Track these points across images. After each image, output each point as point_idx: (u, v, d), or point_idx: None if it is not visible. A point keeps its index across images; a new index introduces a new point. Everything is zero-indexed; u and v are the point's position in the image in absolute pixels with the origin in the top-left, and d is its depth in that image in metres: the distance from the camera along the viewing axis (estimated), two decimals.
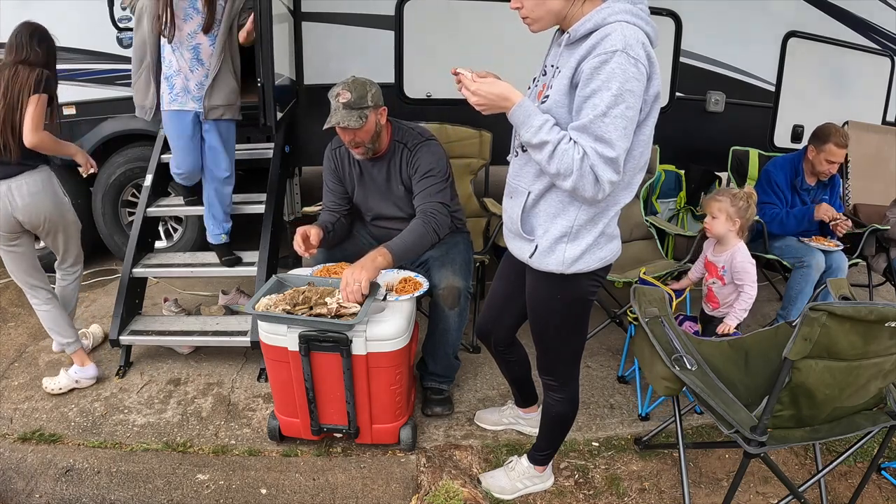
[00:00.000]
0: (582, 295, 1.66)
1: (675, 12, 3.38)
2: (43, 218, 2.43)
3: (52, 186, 2.45)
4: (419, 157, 2.30)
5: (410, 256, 2.23)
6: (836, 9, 3.71)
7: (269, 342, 2.04)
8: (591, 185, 1.39)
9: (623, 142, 1.37)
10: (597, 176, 1.38)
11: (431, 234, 2.21)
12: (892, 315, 1.46)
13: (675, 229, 3.23)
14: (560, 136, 1.40)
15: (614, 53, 1.33)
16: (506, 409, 2.37)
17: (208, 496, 2.02)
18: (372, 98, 2.19)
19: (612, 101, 1.34)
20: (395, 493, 2.04)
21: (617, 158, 1.37)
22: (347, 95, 2.15)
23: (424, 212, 2.24)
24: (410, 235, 2.19)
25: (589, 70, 1.35)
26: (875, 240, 3.23)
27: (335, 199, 2.48)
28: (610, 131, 1.35)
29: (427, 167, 2.29)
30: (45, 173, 2.43)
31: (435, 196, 2.27)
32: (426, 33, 3.22)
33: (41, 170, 2.42)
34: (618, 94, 1.33)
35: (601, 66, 1.34)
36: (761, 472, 2.16)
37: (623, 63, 1.33)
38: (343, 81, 2.20)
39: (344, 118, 2.14)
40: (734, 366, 2.01)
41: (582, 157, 1.37)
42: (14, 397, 2.54)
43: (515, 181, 1.63)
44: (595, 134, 1.35)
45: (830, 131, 2.99)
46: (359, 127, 2.16)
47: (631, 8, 1.40)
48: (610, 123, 1.34)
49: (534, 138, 1.42)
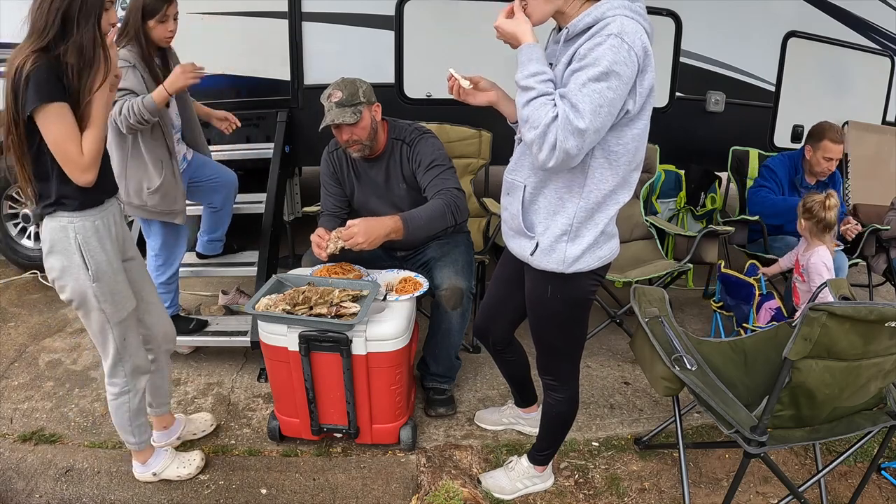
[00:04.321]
0: (582, 294, 1.66)
1: (675, 12, 3.38)
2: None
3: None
4: (419, 149, 2.30)
5: (423, 234, 2.19)
6: (836, 9, 3.71)
7: (269, 342, 2.04)
8: (549, 148, 1.39)
9: (595, 118, 1.36)
10: (557, 141, 1.37)
11: (449, 215, 2.19)
12: (892, 315, 1.46)
13: (675, 229, 3.23)
14: (546, 89, 1.42)
15: (609, 36, 1.36)
16: (506, 409, 2.37)
17: (208, 496, 2.02)
18: (364, 94, 2.20)
19: (596, 77, 1.35)
20: (395, 493, 2.04)
21: (584, 131, 1.36)
22: (339, 94, 2.16)
23: (443, 195, 2.22)
24: (426, 211, 2.18)
25: (583, 51, 1.38)
26: (875, 240, 3.23)
27: (334, 203, 2.48)
28: (584, 102, 1.35)
29: (430, 158, 2.29)
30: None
31: (449, 182, 2.26)
32: (426, 33, 3.22)
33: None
34: (604, 72, 1.35)
35: (595, 47, 1.36)
36: (761, 472, 2.16)
37: (616, 46, 1.35)
38: (333, 83, 2.21)
39: (338, 115, 2.15)
40: (734, 366, 2.01)
41: (554, 117, 1.38)
42: (14, 397, 2.54)
43: (511, 176, 1.64)
44: (571, 101, 1.37)
45: (825, 128, 3.03)
46: (354, 122, 2.17)
47: (630, 5, 1.42)
48: (587, 95, 1.35)
49: (522, 81, 1.44)
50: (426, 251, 2.48)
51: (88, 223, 1.69)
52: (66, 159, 1.58)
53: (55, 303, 3.37)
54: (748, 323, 2.61)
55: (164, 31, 2.31)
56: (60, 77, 1.53)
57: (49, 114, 1.53)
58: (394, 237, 2.11)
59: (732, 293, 2.76)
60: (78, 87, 1.56)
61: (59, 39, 1.52)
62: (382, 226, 2.08)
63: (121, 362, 1.86)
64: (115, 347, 1.83)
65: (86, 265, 1.70)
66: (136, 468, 2.07)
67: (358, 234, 2.06)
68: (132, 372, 1.89)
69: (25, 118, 1.53)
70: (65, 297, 1.76)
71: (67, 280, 1.72)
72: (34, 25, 1.53)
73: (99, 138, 1.61)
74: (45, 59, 1.51)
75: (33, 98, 1.50)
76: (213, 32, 3.07)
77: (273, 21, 3.10)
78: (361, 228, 2.07)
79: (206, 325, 2.75)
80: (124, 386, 1.90)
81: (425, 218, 2.16)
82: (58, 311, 3.28)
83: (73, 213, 1.67)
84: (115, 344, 1.82)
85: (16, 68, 1.50)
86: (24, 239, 3.72)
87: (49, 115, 1.53)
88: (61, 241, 1.68)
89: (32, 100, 1.50)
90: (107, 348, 1.84)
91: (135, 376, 1.91)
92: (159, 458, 2.06)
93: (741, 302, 2.69)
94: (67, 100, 1.55)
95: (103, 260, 1.72)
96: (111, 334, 1.81)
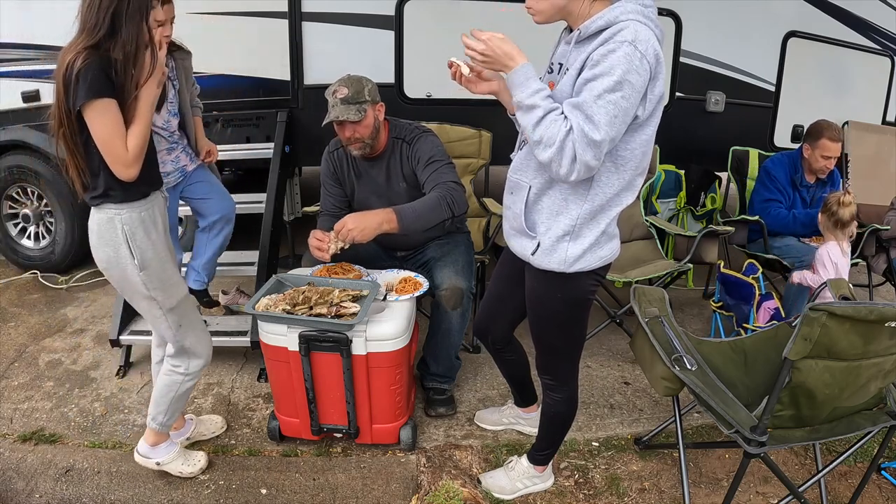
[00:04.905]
0: (582, 294, 1.66)
1: (675, 12, 3.38)
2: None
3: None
4: (418, 147, 2.31)
5: (419, 226, 2.17)
6: (836, 9, 3.71)
7: (269, 342, 2.04)
8: (568, 162, 1.39)
9: (610, 128, 1.37)
10: (576, 154, 1.38)
11: (445, 208, 2.18)
12: (892, 315, 1.46)
13: (675, 229, 3.23)
14: (552, 105, 1.41)
15: (623, 43, 1.35)
16: (506, 409, 2.37)
17: (208, 496, 2.02)
18: (369, 93, 2.20)
19: (611, 87, 1.35)
20: (395, 493, 2.04)
21: (601, 142, 1.37)
22: (345, 91, 2.16)
23: (439, 188, 2.22)
24: (422, 204, 2.18)
25: (597, 56, 1.38)
26: (875, 240, 3.23)
27: (334, 203, 2.48)
28: (600, 114, 1.35)
29: (429, 154, 2.29)
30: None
31: (446, 176, 2.26)
32: (426, 33, 3.22)
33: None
34: (618, 82, 1.34)
35: (609, 54, 1.36)
36: (761, 472, 2.16)
37: (630, 54, 1.34)
38: (339, 79, 2.21)
39: (343, 112, 2.15)
40: (734, 366, 2.01)
41: (568, 131, 1.37)
42: (14, 397, 2.54)
43: (517, 176, 1.64)
44: (586, 113, 1.36)
45: (822, 127, 3.06)
46: (358, 120, 2.17)
47: (642, 9, 1.42)
48: (602, 107, 1.35)
49: (526, 100, 1.43)
50: (426, 251, 2.49)
51: (135, 215, 1.74)
52: (110, 154, 1.62)
53: (55, 303, 3.38)
54: (749, 323, 2.61)
55: (160, 35, 2.26)
56: (109, 74, 1.57)
57: (97, 109, 1.57)
58: (387, 229, 2.10)
59: (732, 293, 2.77)
60: (125, 83, 1.60)
61: (109, 37, 1.57)
62: (374, 216, 2.10)
63: (183, 348, 1.92)
64: (173, 333, 1.89)
65: (132, 255, 1.74)
66: (142, 448, 2.05)
67: (347, 220, 2.08)
68: (190, 357, 1.95)
69: (76, 113, 1.58)
70: (115, 284, 1.85)
71: (115, 270, 1.78)
72: (84, 23, 1.58)
73: (143, 134, 1.66)
74: (95, 56, 1.55)
75: (83, 93, 1.54)
76: (213, 32, 3.07)
77: (273, 21, 3.11)
78: (350, 216, 2.10)
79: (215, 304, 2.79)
80: (185, 370, 1.95)
81: (420, 209, 2.16)
82: (58, 311, 3.29)
83: (119, 204, 1.72)
84: (173, 329, 1.89)
85: (67, 64, 1.55)
86: (24, 239, 3.72)
87: (97, 111, 1.57)
88: (108, 233, 1.73)
89: (82, 95, 1.54)
90: (166, 334, 1.91)
91: (192, 361, 1.96)
92: (168, 450, 2.06)
93: (741, 302, 2.70)
94: (115, 96, 1.59)
95: (149, 249, 1.77)
96: (165, 321, 1.87)
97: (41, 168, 3.45)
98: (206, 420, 2.33)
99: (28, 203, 3.65)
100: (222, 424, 2.35)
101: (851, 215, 2.68)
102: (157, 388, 1.99)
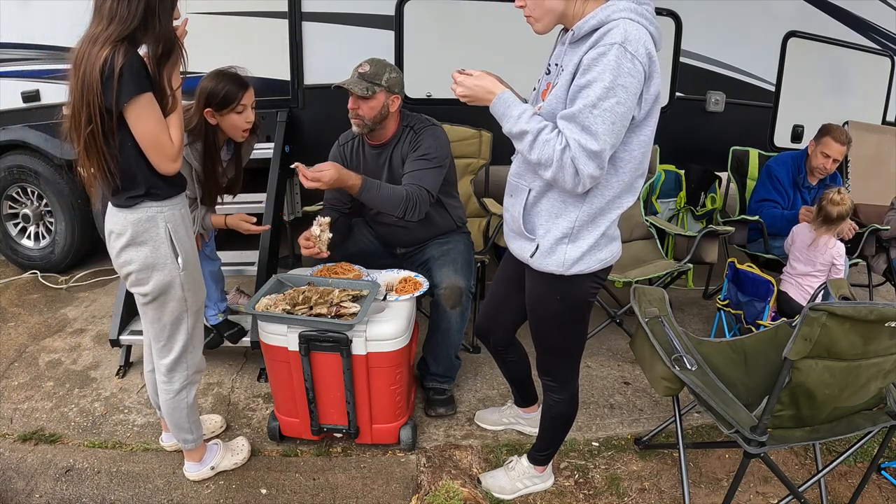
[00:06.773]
0: (582, 296, 1.66)
1: (675, 12, 3.39)
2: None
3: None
4: (422, 138, 2.32)
5: (373, 203, 2.23)
6: (836, 9, 3.71)
7: (269, 342, 2.04)
8: (571, 177, 1.39)
9: (609, 136, 1.36)
10: (577, 168, 1.37)
11: (402, 207, 2.20)
12: (892, 315, 1.46)
13: (675, 229, 3.23)
14: (540, 125, 1.41)
15: (612, 46, 1.33)
16: (506, 409, 2.37)
17: (208, 496, 2.02)
18: (387, 80, 2.21)
19: (604, 94, 1.33)
20: (395, 493, 2.04)
21: (601, 152, 1.36)
22: (366, 67, 2.21)
23: (412, 188, 2.23)
24: (388, 190, 2.22)
25: (587, 61, 1.36)
26: (875, 240, 3.24)
27: (337, 195, 2.48)
28: (597, 124, 1.34)
29: (425, 149, 2.30)
30: None
31: (426, 180, 2.26)
32: (426, 33, 3.22)
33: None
34: (610, 87, 1.33)
35: (598, 58, 1.34)
36: (761, 472, 2.16)
37: (619, 57, 1.32)
38: (370, 58, 2.25)
39: (352, 84, 2.19)
40: (734, 366, 2.01)
41: (563, 148, 1.37)
42: (14, 397, 2.54)
43: (516, 179, 1.63)
44: (582, 124, 1.35)
45: (831, 127, 3.11)
46: (362, 96, 2.18)
47: (636, 7, 1.39)
48: (598, 116, 1.34)
49: (514, 128, 1.44)
50: (426, 250, 2.49)
51: (177, 211, 1.71)
52: (159, 150, 1.58)
53: (55, 303, 3.38)
54: (762, 319, 2.60)
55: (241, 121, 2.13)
56: (145, 68, 1.54)
57: (142, 105, 1.52)
58: (347, 187, 2.17)
59: (747, 290, 2.75)
60: (159, 76, 1.57)
61: (142, 30, 1.51)
62: (348, 175, 2.16)
63: (185, 354, 1.84)
64: (185, 338, 1.82)
65: (175, 253, 1.69)
66: (190, 468, 2.04)
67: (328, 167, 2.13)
68: (194, 363, 1.89)
69: (119, 110, 1.51)
70: (145, 289, 1.72)
71: (150, 272, 1.69)
72: (112, 13, 1.49)
73: (181, 126, 1.64)
74: (134, 51, 1.51)
75: (129, 89, 1.48)
76: (213, 32, 3.07)
77: (273, 21, 3.11)
78: (335, 166, 2.15)
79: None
80: (184, 381, 1.88)
81: (383, 194, 2.21)
82: (58, 311, 3.29)
83: (162, 202, 1.67)
84: (187, 334, 1.82)
85: (105, 59, 1.46)
86: (24, 239, 3.72)
87: (142, 106, 1.52)
88: (148, 232, 1.66)
89: (128, 91, 1.48)
90: (175, 340, 1.82)
91: (195, 368, 1.91)
92: (213, 453, 2.07)
93: (755, 298, 2.68)
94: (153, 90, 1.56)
95: (189, 247, 1.75)
96: (185, 324, 1.80)
97: (41, 168, 3.45)
98: (205, 420, 2.32)
99: (28, 203, 3.65)
100: (222, 424, 2.35)
101: (839, 214, 2.67)
102: (166, 415, 1.94)
